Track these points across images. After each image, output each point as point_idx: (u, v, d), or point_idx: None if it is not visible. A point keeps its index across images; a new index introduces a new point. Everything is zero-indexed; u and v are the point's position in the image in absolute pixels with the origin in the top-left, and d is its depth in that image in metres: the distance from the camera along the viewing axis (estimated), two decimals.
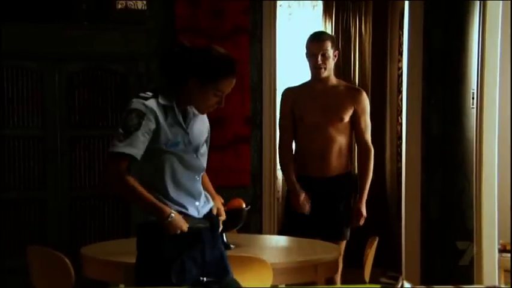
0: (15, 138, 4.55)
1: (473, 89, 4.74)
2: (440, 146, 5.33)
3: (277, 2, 5.38)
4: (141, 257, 2.87)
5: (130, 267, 3.07)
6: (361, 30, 6.23)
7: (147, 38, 4.70)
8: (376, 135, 6.16)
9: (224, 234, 3.40)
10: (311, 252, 3.56)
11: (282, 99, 4.44)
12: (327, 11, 6.21)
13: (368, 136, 4.37)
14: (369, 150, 4.35)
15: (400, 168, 5.63)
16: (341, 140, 4.29)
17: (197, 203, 2.91)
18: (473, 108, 4.75)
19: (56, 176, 4.59)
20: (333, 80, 4.35)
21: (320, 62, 4.22)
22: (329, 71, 4.27)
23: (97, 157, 4.63)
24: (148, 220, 2.84)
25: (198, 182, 2.94)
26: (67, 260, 3.15)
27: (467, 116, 4.89)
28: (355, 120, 4.31)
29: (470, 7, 4.83)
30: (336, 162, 4.29)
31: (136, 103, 2.81)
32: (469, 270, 4.79)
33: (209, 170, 3.10)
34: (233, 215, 3.33)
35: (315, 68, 4.25)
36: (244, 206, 3.48)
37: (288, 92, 4.44)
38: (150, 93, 2.85)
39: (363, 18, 6.25)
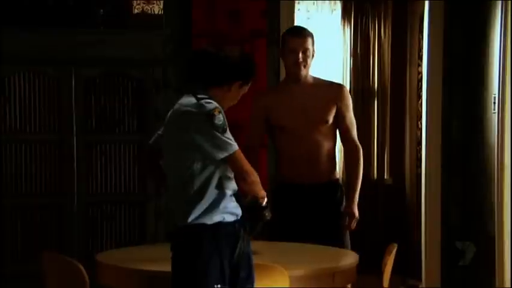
0: (31, 143, 4.54)
1: (495, 94, 4.70)
2: (460, 151, 5.29)
3: (296, 5, 5.35)
4: (181, 261, 2.88)
5: (146, 275, 3.10)
6: (381, 34, 6.17)
7: (163, 43, 4.68)
8: (396, 140, 6.20)
9: None
10: (328, 260, 3.51)
11: (253, 108, 4.06)
12: (345, 15, 6.15)
13: (354, 134, 4.03)
14: (357, 148, 4.01)
15: (420, 173, 5.59)
16: (328, 144, 3.99)
17: None
18: (494, 113, 4.71)
19: (72, 182, 4.57)
20: (310, 79, 4.01)
21: (301, 59, 3.89)
22: (308, 69, 3.95)
23: (114, 162, 4.61)
24: (190, 223, 2.85)
25: None
26: (81, 267, 3.12)
27: (488, 121, 4.85)
28: (339, 118, 3.97)
29: (491, 9, 4.80)
30: (325, 167, 3.98)
31: (208, 104, 2.84)
32: (490, 279, 4.74)
33: None
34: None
35: (295, 65, 3.91)
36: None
37: (261, 99, 4.07)
38: (205, 95, 2.89)
39: (382, 22, 6.18)
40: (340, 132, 4.05)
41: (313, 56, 3.97)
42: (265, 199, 3.02)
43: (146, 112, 4.63)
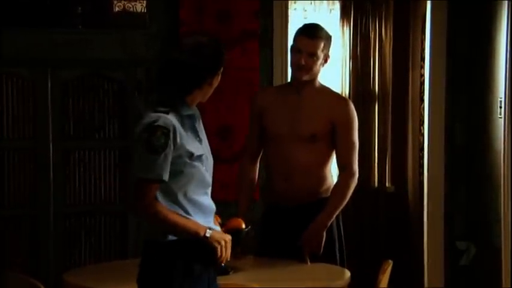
0: (4, 150, 4.41)
1: (501, 97, 4.68)
2: (465, 157, 5.28)
3: (292, 5, 5.29)
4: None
5: None
6: (381, 35, 6.06)
7: (147, 43, 4.59)
8: (398, 145, 6.11)
9: None
10: (318, 278, 3.36)
11: (250, 106, 3.82)
12: (344, 15, 6.05)
13: (352, 158, 3.61)
14: (349, 174, 3.60)
15: (423, 181, 5.55)
16: (314, 162, 3.61)
17: (210, 220, 2.80)
18: (500, 117, 4.69)
19: (48, 192, 4.44)
20: (316, 86, 3.67)
21: (303, 62, 3.53)
22: (313, 75, 3.59)
23: (93, 170, 4.50)
24: (158, 239, 2.69)
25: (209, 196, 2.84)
26: None
27: (494, 126, 4.82)
28: (335, 137, 3.61)
29: (497, 8, 4.76)
30: (306, 187, 3.61)
31: (158, 118, 2.66)
32: None
33: (217, 183, 2.96)
34: (231, 236, 3.06)
35: (296, 67, 3.57)
36: (243, 226, 3.26)
37: (259, 96, 3.81)
38: (166, 106, 2.71)
39: (383, 22, 6.05)
40: (335, 154, 3.66)
41: (326, 61, 3.63)
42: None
43: (128, 116, 4.50)
